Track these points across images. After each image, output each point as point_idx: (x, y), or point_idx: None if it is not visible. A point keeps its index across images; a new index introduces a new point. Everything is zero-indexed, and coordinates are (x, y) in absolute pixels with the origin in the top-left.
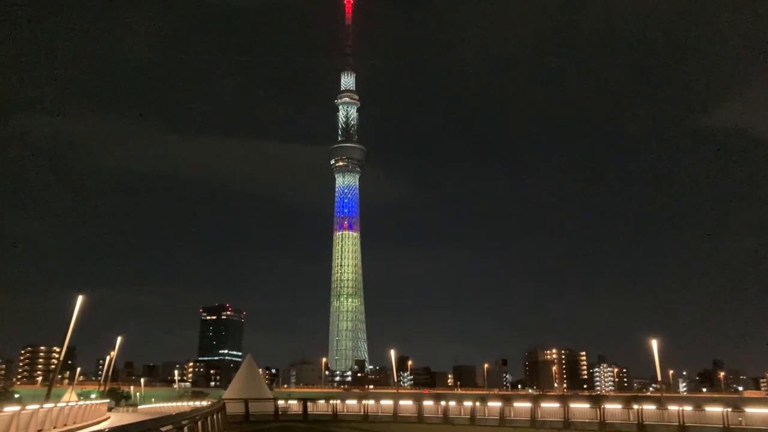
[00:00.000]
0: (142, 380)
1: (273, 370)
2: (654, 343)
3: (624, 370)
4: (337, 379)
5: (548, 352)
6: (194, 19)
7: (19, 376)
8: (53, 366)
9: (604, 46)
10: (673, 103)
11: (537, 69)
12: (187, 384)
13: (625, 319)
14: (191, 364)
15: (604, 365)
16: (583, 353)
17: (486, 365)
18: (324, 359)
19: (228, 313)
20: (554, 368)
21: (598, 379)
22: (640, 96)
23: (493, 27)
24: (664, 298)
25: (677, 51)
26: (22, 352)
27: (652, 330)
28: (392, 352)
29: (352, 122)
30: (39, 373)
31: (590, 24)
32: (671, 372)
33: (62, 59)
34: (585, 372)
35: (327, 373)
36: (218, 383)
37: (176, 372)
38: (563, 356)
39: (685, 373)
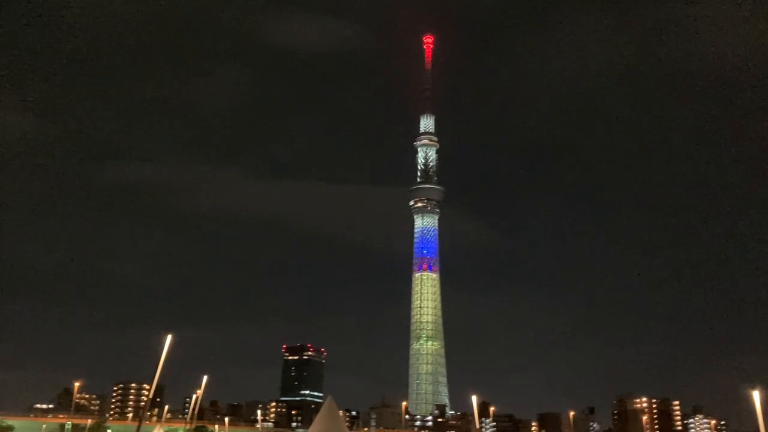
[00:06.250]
0: (226, 419)
1: (353, 413)
2: (756, 395)
3: (722, 423)
4: (418, 423)
5: (638, 400)
6: (274, 66)
7: (112, 412)
8: (143, 403)
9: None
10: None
11: (614, 109)
12: (269, 424)
13: (723, 366)
14: (273, 404)
15: (700, 416)
16: (677, 402)
17: (572, 413)
18: (404, 403)
19: (309, 353)
20: (644, 418)
21: (693, 431)
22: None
23: (569, 67)
24: (764, 343)
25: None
26: (115, 388)
27: (751, 378)
28: (474, 398)
29: (431, 164)
30: (130, 409)
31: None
32: None
33: (151, 108)
34: (679, 423)
35: (407, 417)
36: (300, 424)
37: (258, 412)
38: (654, 405)
39: None
